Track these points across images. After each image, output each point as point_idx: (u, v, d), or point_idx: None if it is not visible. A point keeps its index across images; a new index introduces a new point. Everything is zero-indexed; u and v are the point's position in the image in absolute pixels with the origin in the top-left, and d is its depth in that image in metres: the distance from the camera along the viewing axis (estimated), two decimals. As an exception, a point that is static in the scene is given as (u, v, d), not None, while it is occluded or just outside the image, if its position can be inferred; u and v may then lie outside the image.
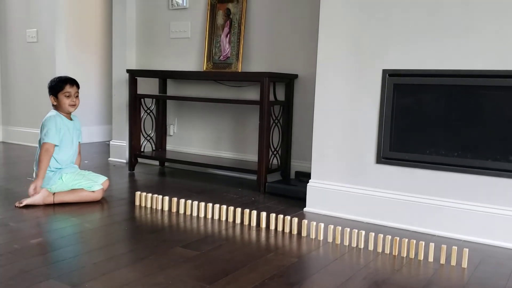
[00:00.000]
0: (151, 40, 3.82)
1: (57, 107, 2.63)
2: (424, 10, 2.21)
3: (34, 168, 2.60)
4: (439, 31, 2.19)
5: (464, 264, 1.82)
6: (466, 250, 1.83)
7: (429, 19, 2.21)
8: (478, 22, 2.10)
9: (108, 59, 5.14)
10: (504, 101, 2.12)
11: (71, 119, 2.69)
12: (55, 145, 2.56)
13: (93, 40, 5.12)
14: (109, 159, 3.98)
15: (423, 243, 1.90)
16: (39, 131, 2.62)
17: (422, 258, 1.88)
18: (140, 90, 3.61)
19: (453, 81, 2.19)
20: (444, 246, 1.86)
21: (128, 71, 3.55)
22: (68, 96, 2.61)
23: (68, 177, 2.58)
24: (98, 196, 2.62)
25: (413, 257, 1.90)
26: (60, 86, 2.61)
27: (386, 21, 2.31)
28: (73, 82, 2.65)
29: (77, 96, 2.66)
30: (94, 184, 2.62)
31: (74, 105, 2.64)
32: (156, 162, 3.77)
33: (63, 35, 4.58)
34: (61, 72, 4.50)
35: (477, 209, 2.14)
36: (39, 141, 2.61)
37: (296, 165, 3.21)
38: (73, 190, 2.57)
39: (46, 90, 2.65)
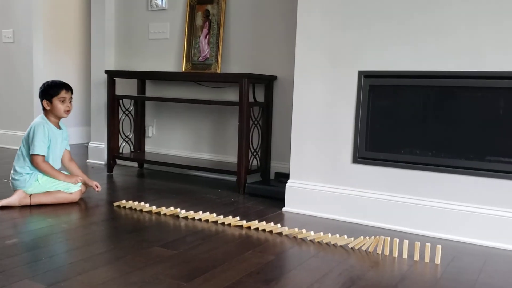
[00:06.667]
0: (130, 41, 3.81)
1: (49, 112, 2.60)
2: (399, 13, 2.26)
3: (12, 174, 2.57)
4: (414, 33, 2.24)
5: (438, 261, 1.86)
6: (439, 247, 1.87)
7: (404, 22, 2.25)
8: (451, 25, 2.16)
9: (86, 60, 5.10)
10: (477, 102, 2.18)
11: (59, 127, 2.66)
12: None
13: (71, 41, 5.07)
14: (88, 160, 3.95)
15: (397, 240, 1.94)
16: (27, 134, 2.57)
17: (396, 255, 1.92)
18: (119, 91, 3.59)
19: (427, 82, 2.24)
20: (417, 243, 1.90)
21: (106, 72, 3.53)
22: (63, 101, 2.58)
23: (45, 179, 2.55)
24: (75, 197, 2.60)
25: (387, 254, 1.93)
26: (55, 91, 2.58)
27: (362, 23, 2.35)
28: (68, 88, 2.63)
29: (71, 101, 2.64)
30: (71, 186, 2.59)
31: (69, 111, 2.62)
32: (135, 164, 3.76)
33: (40, 35, 4.52)
34: (38, 73, 4.45)
35: (450, 207, 2.19)
36: (23, 140, 2.58)
37: (276, 166, 3.23)
38: (50, 191, 2.54)
39: (23, 92, 2.62)
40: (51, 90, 2.58)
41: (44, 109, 2.62)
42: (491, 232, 2.10)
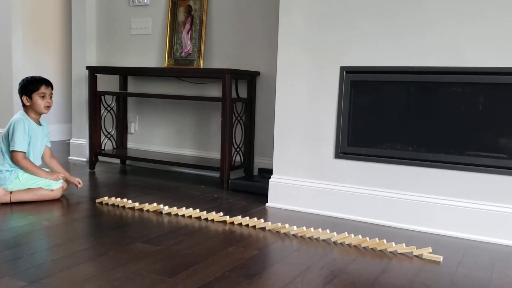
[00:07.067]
0: (112, 37, 3.77)
1: (29, 108, 2.57)
2: (381, 10, 2.28)
3: None
4: (395, 30, 2.26)
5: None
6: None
7: (385, 19, 2.28)
8: (432, 22, 2.19)
9: (67, 56, 5.03)
10: (457, 97, 2.22)
11: (39, 123, 2.63)
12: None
13: (52, 36, 4.99)
14: (69, 157, 3.91)
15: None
16: (6, 130, 2.55)
17: (378, 248, 1.94)
18: (100, 87, 3.55)
19: (408, 77, 2.26)
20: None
21: (88, 68, 3.50)
22: (43, 97, 2.56)
23: (25, 176, 2.52)
24: (57, 194, 2.57)
25: (370, 247, 1.96)
26: (35, 86, 2.55)
27: (344, 19, 2.37)
28: (48, 83, 2.60)
29: (51, 97, 2.61)
30: (53, 183, 2.57)
31: (49, 107, 2.59)
32: (117, 160, 3.73)
33: (19, 31, 4.44)
34: (18, 70, 4.38)
35: (430, 201, 2.23)
36: (3, 136, 2.57)
37: (259, 162, 3.24)
38: (31, 189, 2.51)
39: (3, 88, 2.59)
40: (31, 86, 2.55)
41: (24, 105, 2.59)
42: (470, 224, 2.14)
